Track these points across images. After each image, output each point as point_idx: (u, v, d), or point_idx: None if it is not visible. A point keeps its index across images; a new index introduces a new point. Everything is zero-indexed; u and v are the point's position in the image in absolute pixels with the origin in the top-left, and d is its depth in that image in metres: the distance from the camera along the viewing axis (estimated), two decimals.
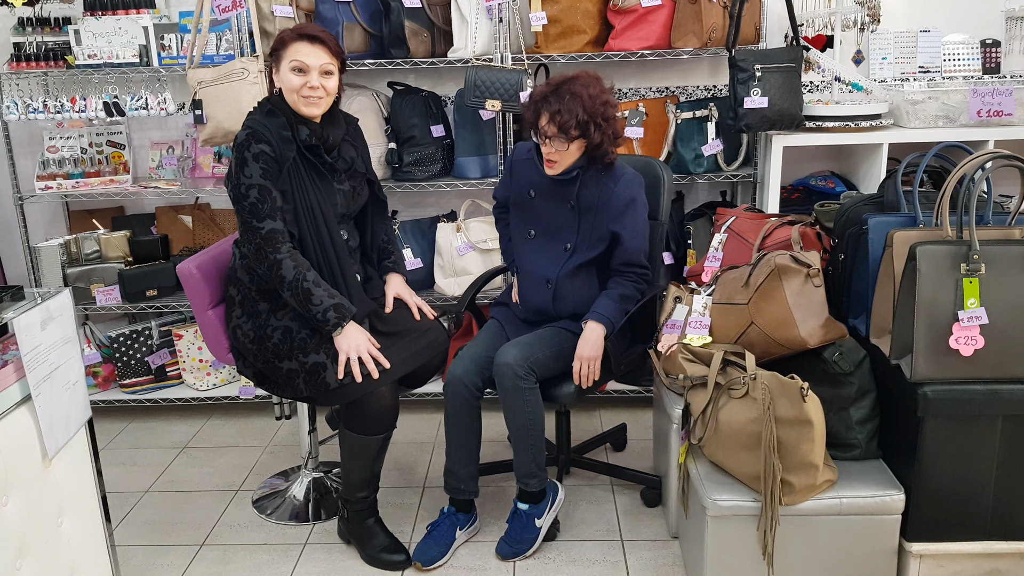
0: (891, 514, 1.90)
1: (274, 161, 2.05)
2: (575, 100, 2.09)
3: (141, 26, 2.95)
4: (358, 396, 2.08)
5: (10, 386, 1.55)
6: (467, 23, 2.81)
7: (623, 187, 2.20)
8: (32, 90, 3.10)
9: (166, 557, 2.33)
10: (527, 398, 2.13)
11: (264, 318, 2.14)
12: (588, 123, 2.10)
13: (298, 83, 2.07)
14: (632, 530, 2.36)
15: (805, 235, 2.26)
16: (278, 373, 2.14)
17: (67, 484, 1.69)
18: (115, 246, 3.15)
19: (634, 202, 2.21)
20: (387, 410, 2.13)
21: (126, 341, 3.13)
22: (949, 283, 1.78)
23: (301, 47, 2.07)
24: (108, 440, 3.05)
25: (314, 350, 2.08)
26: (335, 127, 2.17)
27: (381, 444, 2.18)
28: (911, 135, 2.66)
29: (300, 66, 2.06)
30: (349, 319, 2.07)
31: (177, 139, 3.28)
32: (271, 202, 2.04)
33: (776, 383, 1.87)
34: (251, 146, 2.03)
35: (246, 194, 2.03)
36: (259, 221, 2.03)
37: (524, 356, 2.14)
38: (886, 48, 2.86)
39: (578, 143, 2.15)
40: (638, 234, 2.23)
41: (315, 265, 2.11)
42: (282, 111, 2.09)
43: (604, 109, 2.12)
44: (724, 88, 3.13)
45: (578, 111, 2.09)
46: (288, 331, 2.11)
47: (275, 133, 2.06)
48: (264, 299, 2.14)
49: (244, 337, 2.17)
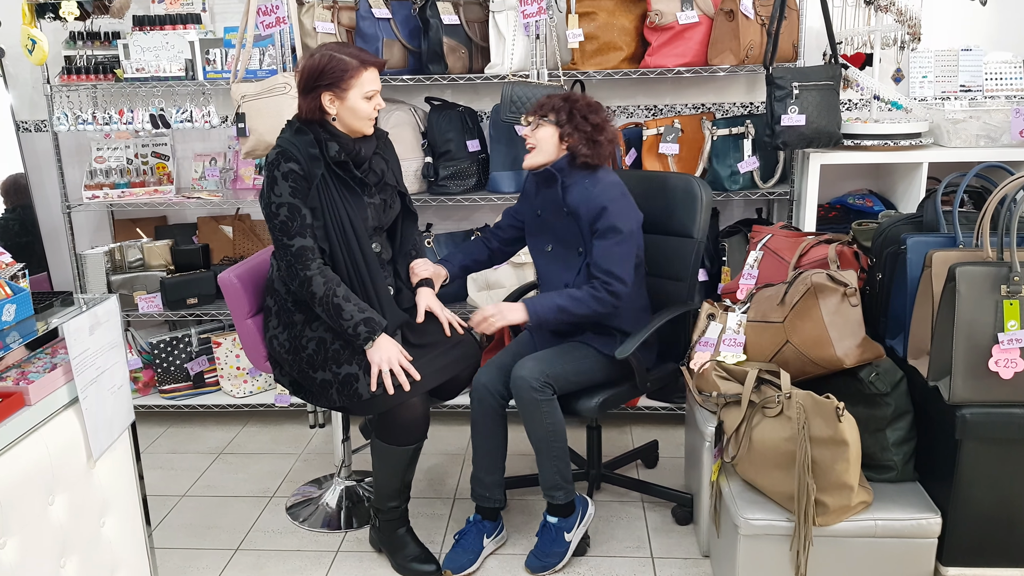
0: (927, 537, 1.88)
1: (303, 179, 2.08)
2: (560, 95, 2.25)
3: (187, 41, 3.03)
4: (390, 407, 2.11)
5: (59, 389, 1.60)
6: (504, 40, 2.85)
7: (600, 191, 2.18)
8: (82, 102, 3.21)
9: (202, 560, 2.37)
10: (544, 410, 2.14)
11: (299, 329, 2.18)
12: (564, 111, 2.19)
13: (370, 109, 2.12)
14: (663, 548, 2.35)
15: (842, 254, 2.25)
16: (312, 383, 2.17)
17: (110, 485, 1.74)
18: (158, 255, 3.23)
19: (606, 211, 2.16)
20: (418, 421, 2.15)
21: (166, 348, 3.20)
22: (989, 305, 1.76)
23: (370, 75, 2.10)
24: (147, 444, 3.12)
25: (347, 361, 2.11)
26: (366, 141, 2.19)
27: (412, 454, 2.20)
28: (951, 154, 2.63)
29: (373, 94, 2.11)
30: (380, 332, 2.09)
31: (220, 151, 3.35)
32: (300, 220, 2.07)
33: (811, 402, 1.86)
34: (280, 165, 2.07)
35: (276, 212, 2.07)
36: (289, 239, 2.07)
37: (540, 369, 2.15)
38: (926, 67, 2.84)
39: (553, 132, 2.20)
40: (606, 241, 2.16)
41: (346, 279, 2.14)
42: (310, 129, 2.12)
43: (587, 110, 2.21)
44: (761, 105, 3.12)
45: (558, 101, 2.22)
46: (322, 342, 2.15)
47: (303, 151, 2.09)
48: (300, 310, 2.18)
49: (280, 347, 2.21)
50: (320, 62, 2.08)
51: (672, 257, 2.39)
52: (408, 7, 2.96)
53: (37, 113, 3.35)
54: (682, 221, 2.38)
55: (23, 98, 3.34)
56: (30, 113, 3.36)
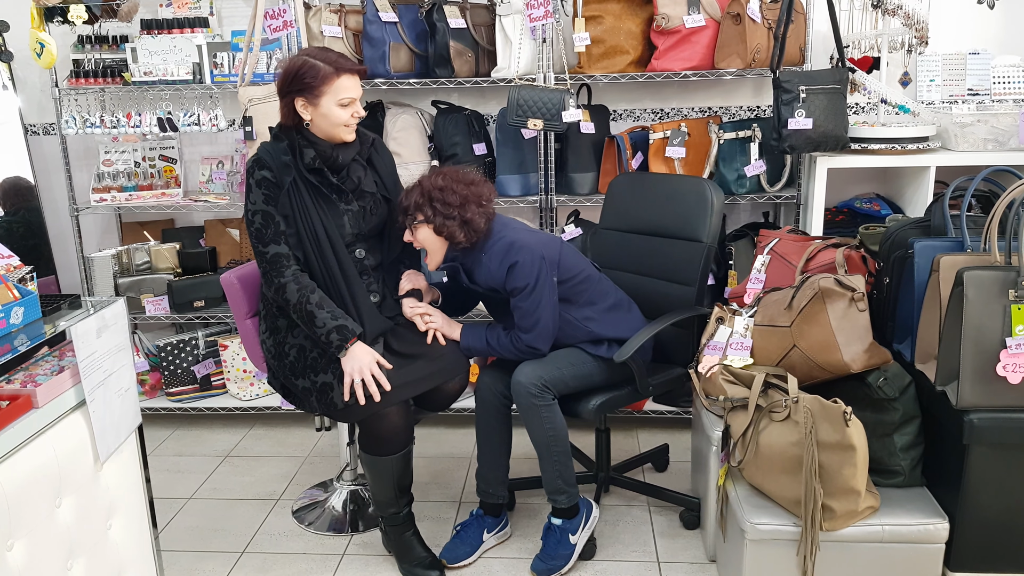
0: (935, 543, 1.87)
1: (275, 186, 2.08)
2: (416, 189, 2.16)
3: (195, 44, 3.05)
4: (366, 416, 2.10)
5: (66, 391, 1.61)
6: (511, 43, 2.85)
7: (494, 264, 2.14)
8: (89, 105, 3.22)
9: (208, 563, 2.37)
10: (544, 415, 2.15)
11: (283, 335, 2.18)
12: (426, 206, 2.12)
13: (346, 116, 2.08)
14: (669, 552, 2.34)
15: (850, 258, 2.24)
16: (296, 389, 2.18)
17: (117, 488, 1.74)
18: (165, 257, 3.24)
19: (507, 276, 2.13)
20: (397, 431, 2.13)
21: (173, 350, 3.21)
22: (997, 309, 1.75)
23: (346, 82, 2.06)
24: (154, 447, 3.12)
25: (323, 370, 2.10)
26: (346, 148, 2.14)
27: (398, 463, 2.17)
28: (959, 158, 2.62)
29: (349, 101, 2.07)
30: (353, 339, 2.07)
31: (227, 154, 3.36)
32: (274, 227, 2.07)
33: (818, 407, 1.85)
34: (255, 172, 2.08)
35: (252, 220, 2.08)
36: (264, 246, 2.08)
37: (538, 374, 2.15)
38: (934, 70, 2.83)
39: (428, 229, 2.14)
40: (515, 299, 2.15)
41: (322, 286, 2.12)
42: (286, 135, 2.11)
43: (442, 194, 2.11)
44: (768, 109, 3.12)
45: (416, 197, 2.14)
46: (303, 349, 2.14)
47: (276, 158, 2.09)
48: (283, 315, 2.18)
49: (268, 352, 2.22)
50: (294, 66, 2.06)
51: (680, 261, 2.38)
52: (415, 11, 2.96)
53: (45, 116, 3.36)
54: (692, 225, 2.37)
55: (32, 101, 3.35)
56: (38, 116, 3.38)
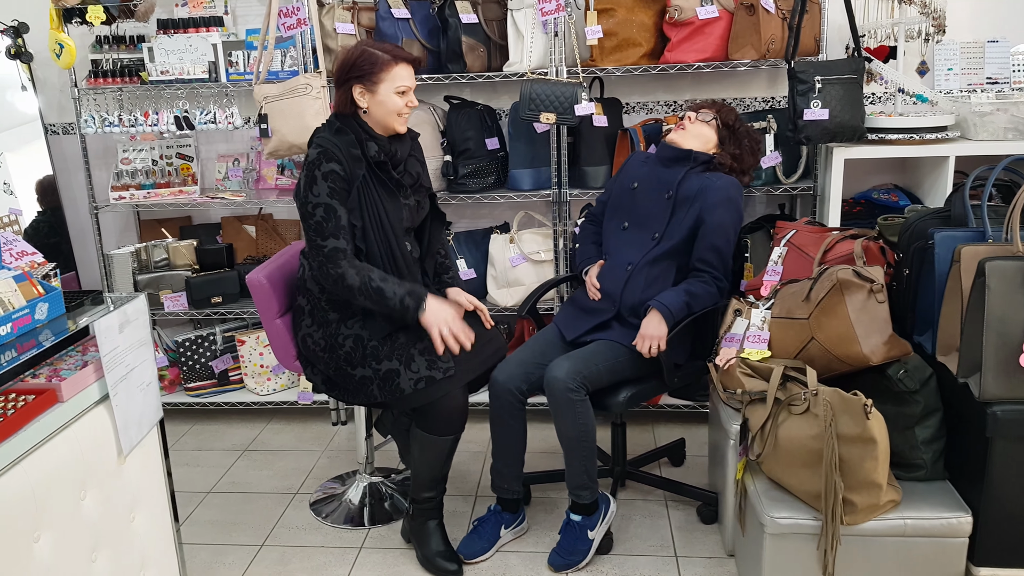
0: (958, 537, 1.85)
1: (344, 180, 2.09)
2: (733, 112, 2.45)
3: (210, 43, 3.06)
4: (432, 399, 2.12)
5: (90, 386, 1.62)
6: (523, 37, 2.85)
7: (724, 184, 2.31)
8: (108, 105, 3.25)
9: (228, 556, 2.39)
10: (578, 410, 2.15)
11: (335, 327, 2.18)
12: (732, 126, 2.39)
13: (402, 104, 2.13)
14: (687, 546, 2.34)
15: (868, 249, 2.22)
16: (350, 380, 2.18)
17: (139, 481, 1.76)
18: (183, 254, 3.27)
19: (731, 201, 2.29)
20: (457, 412, 2.17)
21: (191, 346, 3.24)
22: (1020, 300, 1.73)
23: (402, 71, 2.12)
24: (173, 441, 3.15)
25: (387, 357, 2.12)
26: (402, 143, 2.21)
27: (451, 445, 2.22)
28: (979, 148, 2.59)
29: (405, 89, 2.12)
30: (427, 296, 2.10)
31: (243, 152, 3.38)
32: (335, 221, 2.08)
33: (838, 399, 1.84)
34: (321, 165, 2.08)
35: (312, 212, 2.08)
36: (323, 240, 2.08)
37: (576, 369, 2.15)
38: (952, 59, 2.80)
39: (712, 132, 2.38)
40: (722, 230, 2.28)
41: None
42: (351, 129, 2.13)
43: (747, 138, 2.42)
44: (783, 100, 3.10)
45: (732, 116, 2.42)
46: (359, 339, 2.16)
47: (345, 151, 2.10)
48: (334, 309, 2.19)
49: (315, 345, 2.21)
50: (353, 55, 2.13)
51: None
52: (427, 7, 2.97)
53: (65, 116, 3.39)
54: None
55: (51, 101, 3.39)
56: (58, 116, 3.41)
